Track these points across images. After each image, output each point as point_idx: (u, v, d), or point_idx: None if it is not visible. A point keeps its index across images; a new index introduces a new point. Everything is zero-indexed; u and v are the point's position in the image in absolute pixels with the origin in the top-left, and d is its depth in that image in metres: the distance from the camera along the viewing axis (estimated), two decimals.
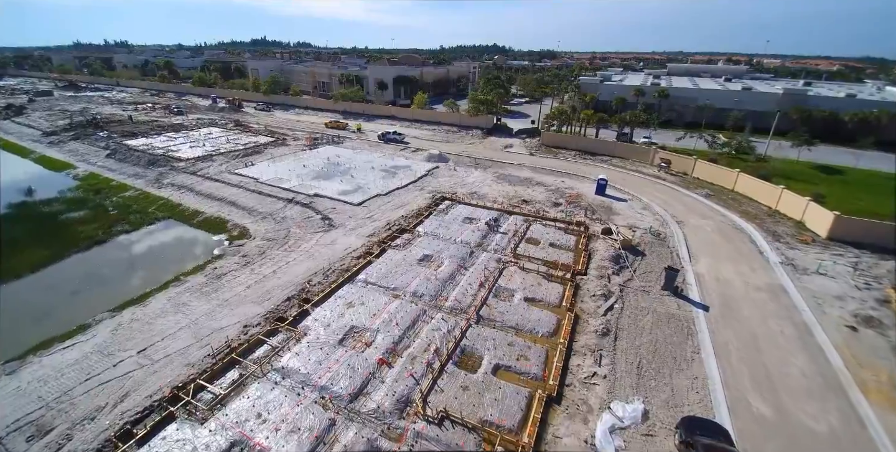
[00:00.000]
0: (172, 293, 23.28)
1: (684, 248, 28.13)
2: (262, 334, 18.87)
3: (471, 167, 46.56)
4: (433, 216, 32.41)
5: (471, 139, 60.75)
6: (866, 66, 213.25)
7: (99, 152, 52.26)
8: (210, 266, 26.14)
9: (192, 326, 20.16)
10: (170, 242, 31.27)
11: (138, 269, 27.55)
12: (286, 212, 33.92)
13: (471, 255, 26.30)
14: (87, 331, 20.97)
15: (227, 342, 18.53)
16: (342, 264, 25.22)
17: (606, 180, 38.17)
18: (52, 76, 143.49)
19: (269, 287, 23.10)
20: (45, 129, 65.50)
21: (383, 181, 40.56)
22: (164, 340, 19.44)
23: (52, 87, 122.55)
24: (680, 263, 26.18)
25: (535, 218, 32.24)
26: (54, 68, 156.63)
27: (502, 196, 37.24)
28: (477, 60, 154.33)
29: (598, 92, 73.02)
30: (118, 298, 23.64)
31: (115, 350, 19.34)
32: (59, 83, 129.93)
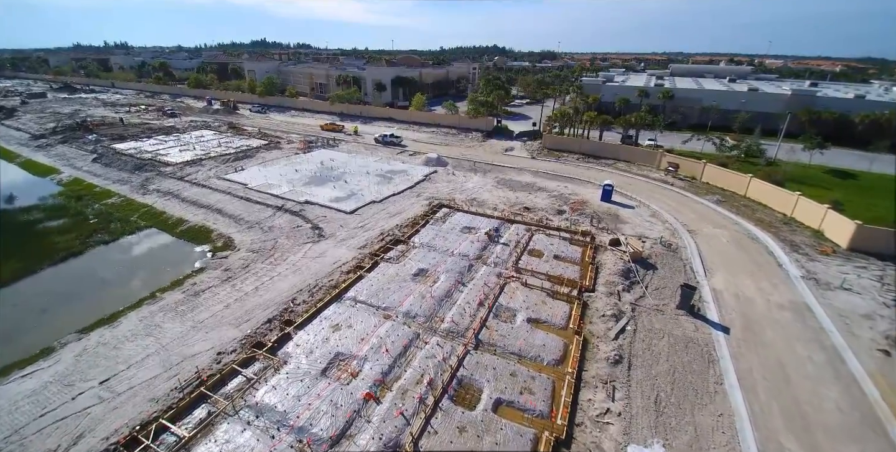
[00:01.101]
0: (145, 313, 21.45)
1: (698, 260, 26.28)
2: (237, 363, 17.02)
3: (470, 172, 44.76)
4: (430, 225, 30.60)
5: (470, 142, 58.97)
6: (867, 66, 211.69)
7: (86, 156, 50.51)
8: (189, 281, 24.31)
9: (162, 352, 18.32)
10: (149, 253, 29.44)
11: (113, 284, 25.71)
12: (274, 221, 32.11)
13: (469, 269, 24.47)
14: (51, 356, 19.15)
15: (197, 372, 16.68)
16: (330, 280, 23.38)
17: (612, 186, 36.34)
18: (47, 78, 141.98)
19: (249, 307, 21.27)
20: (34, 132, 63.77)
21: (378, 187, 38.74)
22: (130, 369, 17.60)
23: (47, 88, 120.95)
24: (694, 277, 24.33)
25: (538, 227, 30.41)
26: (50, 70, 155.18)
27: (503, 203, 35.42)
28: (477, 61, 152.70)
29: (601, 93, 71.23)
30: (88, 317, 21.83)
31: (77, 380, 17.51)
32: (54, 85, 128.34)
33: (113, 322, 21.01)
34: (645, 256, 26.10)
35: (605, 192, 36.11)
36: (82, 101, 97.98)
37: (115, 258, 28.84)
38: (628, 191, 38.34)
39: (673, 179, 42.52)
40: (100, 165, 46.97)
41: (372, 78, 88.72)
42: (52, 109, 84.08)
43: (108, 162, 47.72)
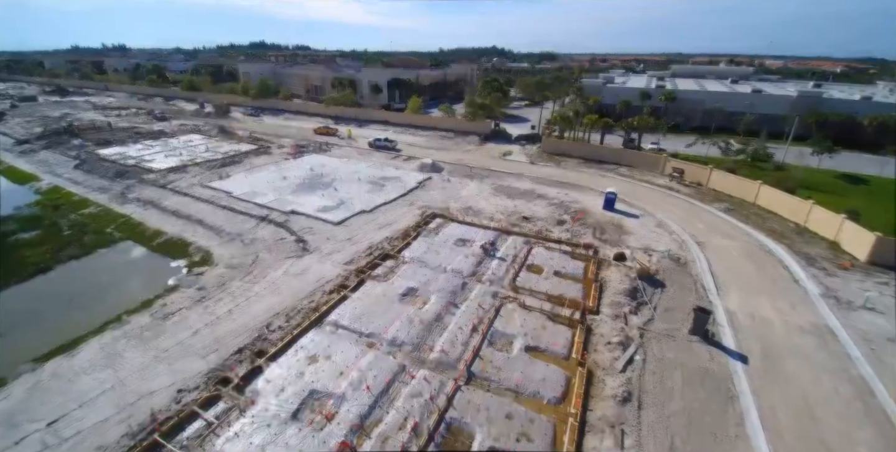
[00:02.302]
0: (108, 339, 19.61)
1: (709, 276, 24.47)
2: (199, 402, 15.17)
3: (466, 178, 42.95)
4: (422, 237, 28.79)
5: (467, 146, 57.18)
6: (868, 66, 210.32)
7: (68, 163, 48.67)
8: (159, 302, 22.47)
9: (119, 387, 16.47)
10: (122, 269, 27.56)
11: (79, 304, 23.84)
12: (257, 232, 30.29)
13: (463, 287, 22.66)
14: (2, 390, 17.34)
15: (152, 415, 14.85)
16: (311, 302, 21.55)
17: (615, 194, 34.54)
18: (40, 81, 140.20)
19: (220, 333, 19.43)
20: (19, 137, 61.93)
21: (369, 195, 36.91)
22: (82, 408, 15.75)
23: (39, 91, 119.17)
24: (706, 296, 22.53)
25: (538, 239, 28.60)
26: (45, 72, 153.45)
27: (500, 212, 33.62)
28: (476, 63, 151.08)
29: (602, 95, 69.53)
30: (48, 343, 20.00)
31: (23, 420, 15.67)
32: (47, 88, 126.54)
33: (73, 350, 19.16)
34: (652, 272, 24.29)
35: (608, 200, 34.33)
36: (73, 104, 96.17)
37: (84, 275, 26.98)
38: (632, 198, 36.55)
39: (678, 185, 40.74)
40: (81, 172, 45.11)
41: (368, 80, 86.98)
42: (42, 113, 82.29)
43: (89, 169, 45.87)
